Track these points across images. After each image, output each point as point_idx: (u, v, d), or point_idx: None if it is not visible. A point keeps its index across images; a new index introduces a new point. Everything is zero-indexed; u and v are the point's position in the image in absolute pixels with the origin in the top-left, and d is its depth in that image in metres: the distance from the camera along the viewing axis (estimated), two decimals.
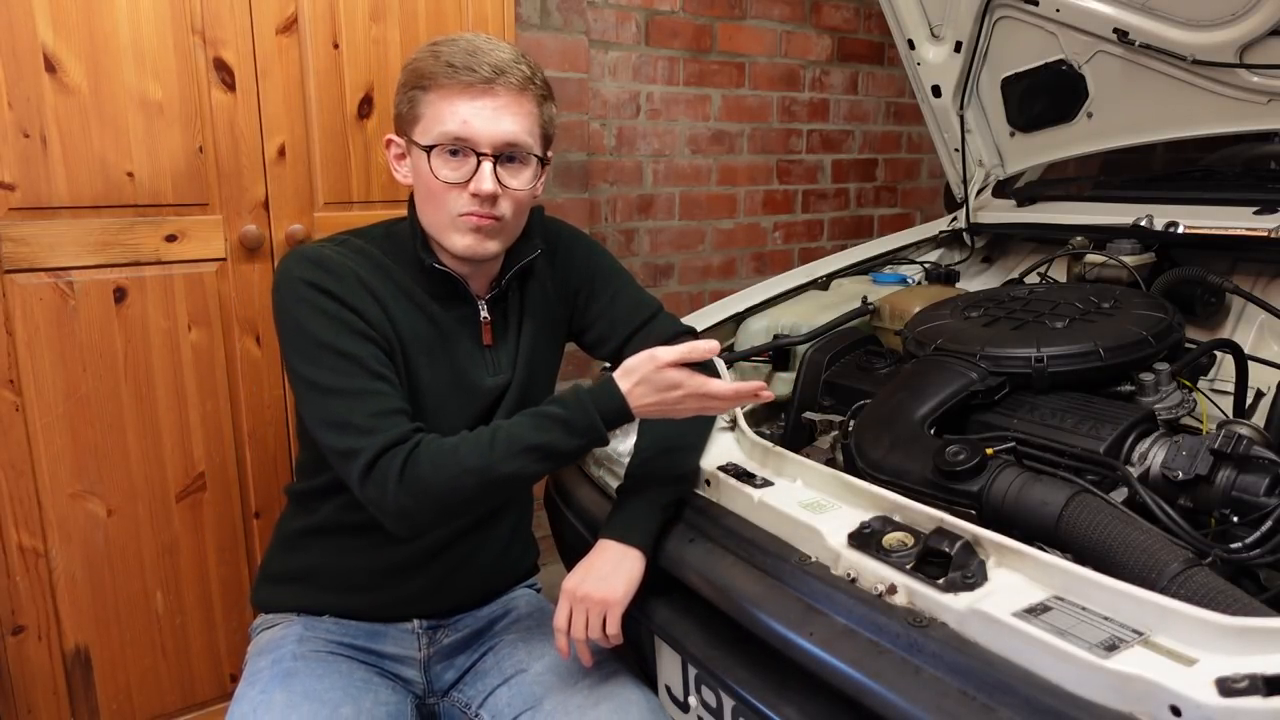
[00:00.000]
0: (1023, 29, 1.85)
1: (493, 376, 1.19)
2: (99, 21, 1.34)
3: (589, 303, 1.31)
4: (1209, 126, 1.72)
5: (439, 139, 1.08)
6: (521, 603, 1.30)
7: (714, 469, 1.22)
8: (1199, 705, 0.69)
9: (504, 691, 1.17)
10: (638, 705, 1.12)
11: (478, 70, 1.06)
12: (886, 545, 0.97)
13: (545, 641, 1.21)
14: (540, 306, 1.26)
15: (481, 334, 1.20)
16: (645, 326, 1.31)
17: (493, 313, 1.20)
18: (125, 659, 1.52)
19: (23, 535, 1.40)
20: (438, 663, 1.23)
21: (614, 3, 2.50)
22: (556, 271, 1.29)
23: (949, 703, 0.81)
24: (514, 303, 1.24)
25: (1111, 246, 1.62)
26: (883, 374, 1.48)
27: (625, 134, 2.60)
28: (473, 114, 1.07)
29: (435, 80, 1.07)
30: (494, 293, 1.20)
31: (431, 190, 1.10)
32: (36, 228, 1.35)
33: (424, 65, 1.08)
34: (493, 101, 1.07)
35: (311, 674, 1.08)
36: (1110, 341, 1.24)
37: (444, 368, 1.16)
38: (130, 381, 1.45)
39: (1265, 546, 0.94)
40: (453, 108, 1.07)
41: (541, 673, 1.16)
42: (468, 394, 1.17)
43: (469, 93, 1.07)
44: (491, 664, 1.21)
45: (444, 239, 1.13)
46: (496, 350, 1.21)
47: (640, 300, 1.34)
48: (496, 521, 1.27)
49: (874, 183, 3.30)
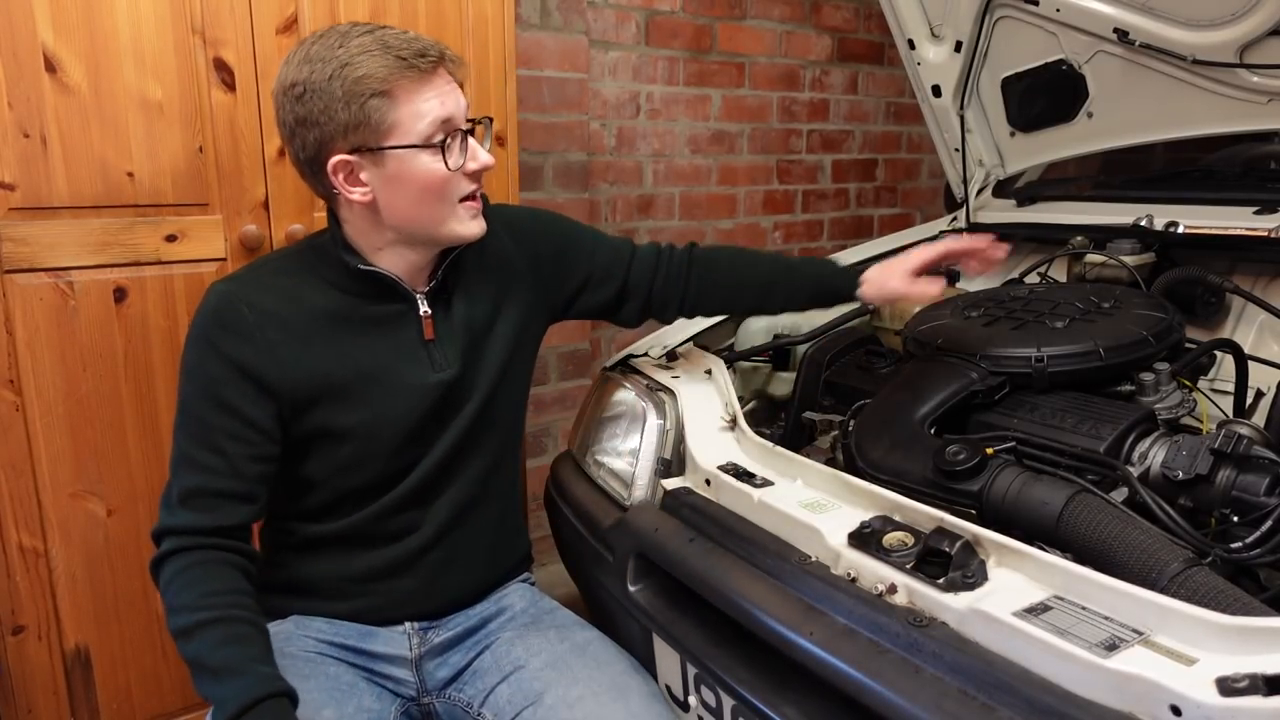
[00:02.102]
0: (1023, 29, 1.85)
1: (437, 372, 1.16)
2: (99, 21, 1.34)
3: (573, 265, 1.33)
4: (1209, 126, 1.72)
5: (431, 131, 1.06)
6: (516, 598, 1.29)
7: (714, 469, 1.22)
8: (1199, 705, 0.69)
9: (504, 689, 1.16)
10: (638, 694, 1.11)
11: (427, 55, 1.05)
12: (886, 545, 0.97)
13: (542, 636, 1.21)
14: (500, 290, 1.24)
15: (423, 329, 1.17)
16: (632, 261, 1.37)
17: (434, 306, 1.18)
18: (125, 659, 1.52)
19: (23, 535, 1.40)
20: (429, 660, 1.22)
21: (614, 3, 2.50)
22: (522, 247, 1.27)
23: (949, 703, 0.81)
24: (461, 293, 1.21)
25: (1111, 246, 1.62)
26: (883, 374, 1.48)
27: (625, 134, 2.60)
28: (443, 97, 1.06)
29: (395, 81, 1.03)
30: (432, 285, 1.18)
31: (433, 187, 1.08)
32: (36, 228, 1.35)
33: (368, 69, 1.02)
34: (445, 81, 1.08)
35: (297, 674, 1.07)
36: (1110, 341, 1.24)
37: (378, 370, 1.14)
38: (130, 381, 1.46)
39: (1265, 546, 0.94)
40: (425, 98, 1.05)
41: (540, 668, 1.16)
42: (412, 392, 1.15)
43: (426, 79, 1.05)
44: (490, 662, 1.21)
45: (443, 232, 1.12)
46: (441, 344, 1.18)
47: (614, 244, 1.38)
48: (480, 516, 1.25)
49: (874, 183, 3.30)
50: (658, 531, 1.22)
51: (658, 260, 1.39)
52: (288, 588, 1.19)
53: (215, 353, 1.07)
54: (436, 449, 1.18)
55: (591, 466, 1.48)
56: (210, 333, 1.08)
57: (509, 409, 1.28)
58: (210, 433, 1.07)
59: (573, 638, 1.21)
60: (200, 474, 1.06)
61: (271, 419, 1.09)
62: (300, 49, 1.06)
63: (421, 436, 1.17)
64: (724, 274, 1.43)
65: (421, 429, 1.16)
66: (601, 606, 1.36)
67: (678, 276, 1.39)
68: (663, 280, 1.39)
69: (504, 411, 1.26)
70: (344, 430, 1.13)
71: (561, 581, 1.44)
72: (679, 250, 1.42)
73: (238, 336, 1.08)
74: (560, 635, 1.21)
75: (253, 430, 1.08)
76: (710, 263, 1.42)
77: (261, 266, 1.16)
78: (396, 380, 1.15)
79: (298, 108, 1.04)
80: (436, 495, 1.20)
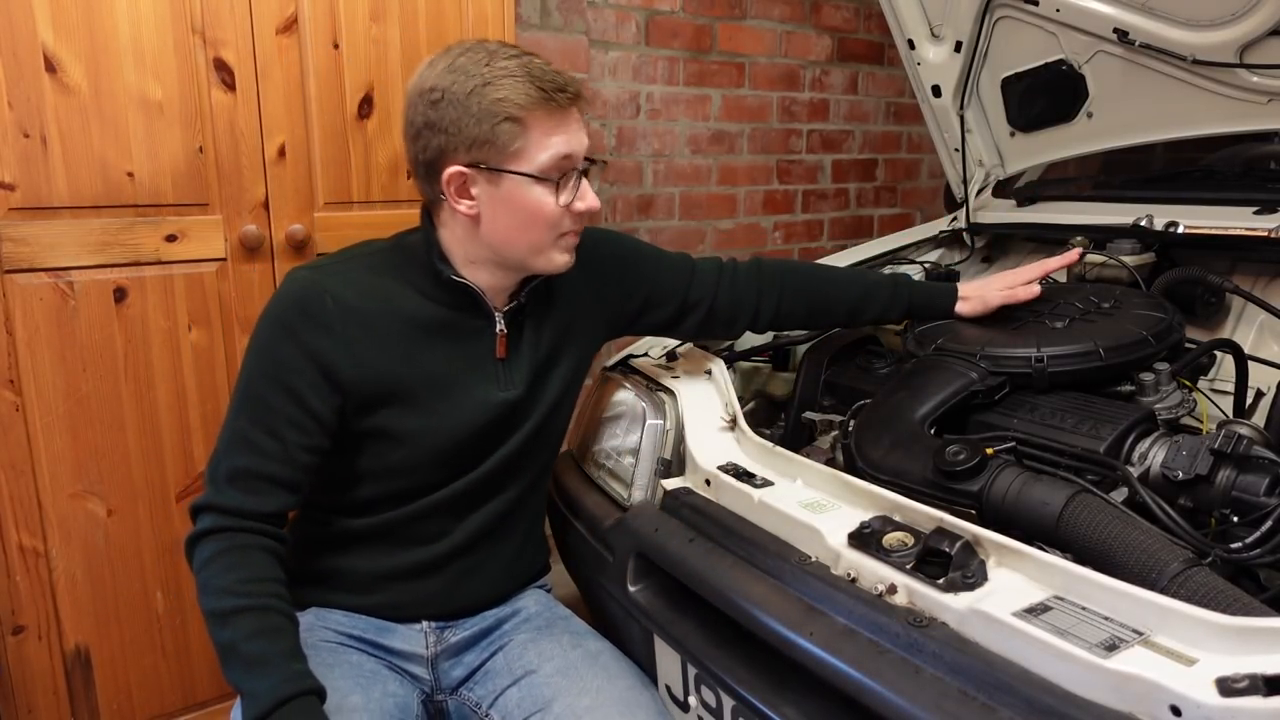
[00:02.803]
0: (1023, 29, 1.85)
1: (504, 391, 1.18)
2: (99, 21, 1.34)
3: (636, 287, 1.33)
4: (1209, 126, 1.72)
5: (556, 166, 1.07)
6: (530, 602, 1.30)
7: (714, 469, 1.22)
8: (1199, 705, 0.69)
9: (514, 692, 1.17)
10: (646, 710, 1.12)
11: (566, 90, 1.06)
12: (886, 545, 0.97)
13: (555, 643, 1.21)
14: (568, 317, 1.26)
15: (495, 347, 1.19)
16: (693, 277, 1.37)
17: (510, 326, 1.20)
18: (125, 659, 1.53)
19: (23, 535, 1.40)
20: (445, 659, 1.23)
21: (614, 3, 2.50)
22: (589, 274, 1.28)
23: (949, 703, 0.81)
24: (533, 316, 1.23)
25: (1111, 246, 1.61)
26: (883, 374, 1.48)
27: (625, 134, 2.60)
28: (569, 134, 1.08)
29: (530, 110, 1.04)
30: (512, 306, 1.19)
31: (540, 218, 1.09)
32: (36, 228, 1.35)
33: (510, 94, 1.04)
34: (575, 119, 1.09)
35: (321, 663, 1.08)
36: (1110, 341, 1.24)
37: (448, 380, 1.15)
38: (130, 381, 1.46)
39: (1265, 546, 0.93)
40: (553, 133, 1.06)
41: (551, 675, 1.16)
42: (477, 406, 1.17)
43: (559, 115, 1.07)
44: (502, 664, 1.21)
45: (538, 262, 1.13)
46: (510, 364, 1.20)
47: (674, 262, 1.38)
48: (510, 528, 1.27)
49: (874, 183, 3.30)
50: (658, 532, 1.22)
51: (719, 276, 1.38)
52: (312, 578, 1.20)
53: (291, 338, 1.07)
54: (486, 464, 1.19)
55: (591, 467, 1.48)
56: (289, 317, 1.08)
57: (557, 435, 1.30)
58: (271, 416, 1.06)
59: (585, 645, 1.21)
60: (253, 456, 1.06)
61: (334, 413, 1.10)
62: (446, 56, 1.07)
63: (475, 450, 1.18)
64: (805, 286, 1.42)
65: (477, 443, 1.18)
66: (602, 607, 1.36)
67: (746, 290, 1.39)
68: (726, 295, 1.38)
69: (553, 436, 1.29)
70: (403, 434, 1.13)
71: (562, 582, 1.44)
72: (743, 264, 1.42)
73: (317, 327, 1.08)
74: (573, 642, 1.21)
75: (314, 421, 1.08)
76: (783, 275, 1.41)
77: (349, 259, 1.16)
78: (464, 394, 1.16)
79: (430, 112, 1.06)
80: (474, 507, 1.21)
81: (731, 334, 1.47)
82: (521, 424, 1.21)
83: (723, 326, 1.41)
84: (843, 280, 1.46)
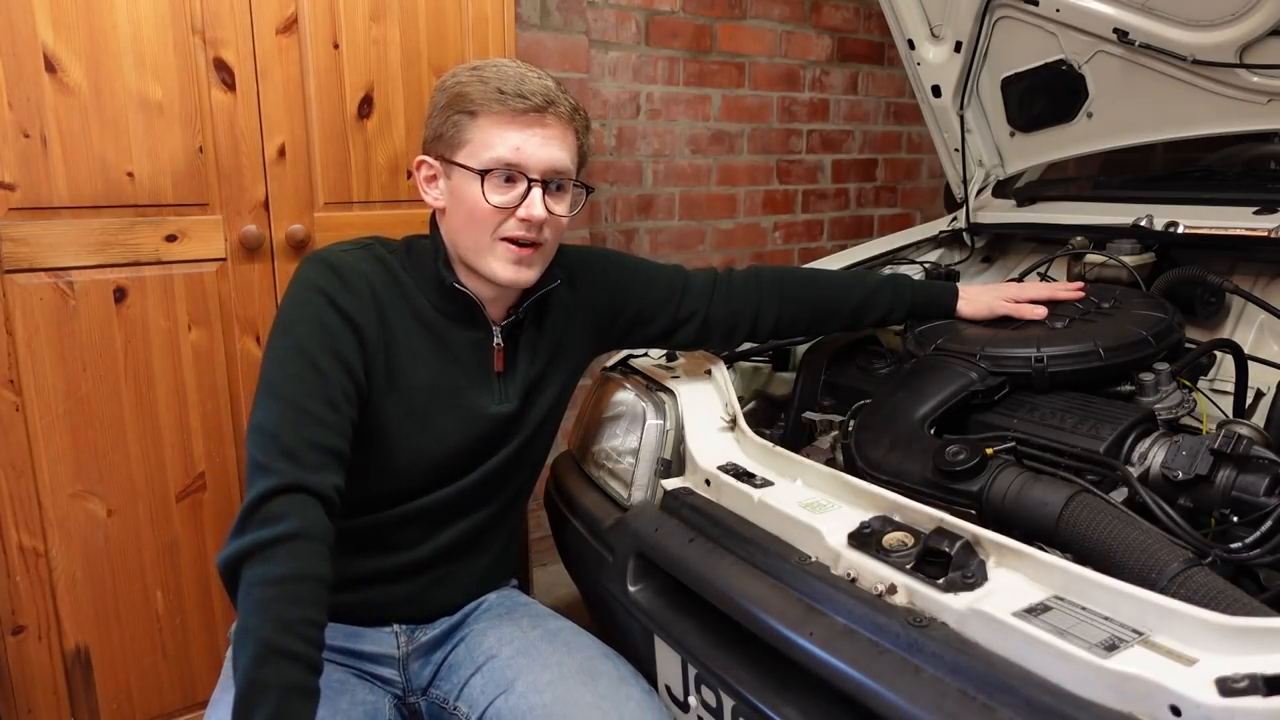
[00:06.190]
0: (1023, 29, 1.85)
1: (498, 404, 1.19)
2: (99, 21, 1.34)
3: (624, 305, 1.33)
4: (1209, 126, 1.72)
5: (491, 164, 1.08)
6: (492, 595, 1.30)
7: (714, 469, 1.22)
8: (1199, 705, 0.69)
9: (477, 680, 1.17)
10: (608, 677, 1.12)
11: (529, 98, 1.07)
12: (886, 545, 0.97)
13: (514, 626, 1.21)
14: (559, 336, 1.26)
15: (493, 360, 1.19)
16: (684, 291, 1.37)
17: (507, 340, 1.20)
18: (125, 659, 1.52)
19: (23, 535, 1.40)
20: (415, 660, 1.23)
21: (614, 3, 2.50)
22: (579, 294, 1.29)
23: (949, 703, 0.81)
24: (529, 332, 1.23)
25: (1111, 246, 1.62)
26: (883, 374, 1.48)
27: (625, 134, 2.60)
28: (523, 141, 1.08)
29: (485, 106, 1.07)
30: (510, 320, 1.20)
31: (476, 214, 1.10)
32: (36, 228, 1.35)
33: (470, 90, 1.08)
34: (543, 130, 1.09)
35: None
36: (1110, 341, 1.24)
37: (446, 388, 1.15)
38: (130, 381, 1.45)
39: (1265, 546, 0.94)
40: (503, 134, 1.08)
41: (511, 656, 1.16)
42: (470, 418, 1.17)
43: (520, 120, 1.08)
44: (464, 655, 1.21)
45: (480, 263, 1.13)
46: (506, 378, 1.21)
47: (667, 277, 1.37)
48: (487, 541, 1.27)
49: (874, 183, 3.30)
50: (658, 532, 1.22)
51: (713, 288, 1.38)
52: None
53: (330, 304, 1.06)
54: (471, 475, 1.20)
55: (591, 467, 1.48)
56: (324, 282, 1.07)
57: (541, 452, 1.30)
58: (328, 386, 1.01)
59: (545, 625, 1.22)
60: (319, 428, 0.97)
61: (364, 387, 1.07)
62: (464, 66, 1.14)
63: (464, 461, 1.19)
64: (805, 293, 1.42)
65: (466, 454, 1.18)
66: (602, 607, 1.36)
67: (743, 300, 1.38)
68: (722, 307, 1.37)
69: (538, 454, 1.29)
70: (396, 435, 1.13)
71: (562, 582, 1.44)
72: (740, 274, 1.41)
73: (352, 293, 1.08)
74: (533, 623, 1.22)
75: (357, 393, 1.06)
76: (781, 283, 1.41)
77: (367, 247, 1.17)
78: (460, 403, 1.16)
79: (429, 105, 1.15)
80: (455, 517, 1.21)
81: (731, 344, 1.46)
82: (511, 439, 1.22)
83: (720, 338, 1.41)
84: (843, 284, 1.45)
